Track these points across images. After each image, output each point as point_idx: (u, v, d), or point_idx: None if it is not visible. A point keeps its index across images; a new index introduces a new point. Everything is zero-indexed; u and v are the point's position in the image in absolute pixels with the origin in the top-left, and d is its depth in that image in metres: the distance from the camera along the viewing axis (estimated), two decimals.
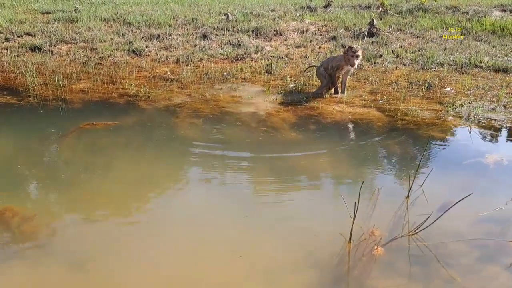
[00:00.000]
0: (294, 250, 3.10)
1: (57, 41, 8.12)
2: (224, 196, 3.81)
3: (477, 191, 3.50)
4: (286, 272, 2.92)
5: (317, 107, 5.53)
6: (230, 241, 3.23)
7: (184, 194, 3.92)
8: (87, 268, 2.98)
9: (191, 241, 3.25)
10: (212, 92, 6.05)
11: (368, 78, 6.49)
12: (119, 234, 3.35)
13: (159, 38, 8.40)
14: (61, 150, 4.62)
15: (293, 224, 3.37)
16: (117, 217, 3.57)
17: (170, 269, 2.98)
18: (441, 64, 6.95)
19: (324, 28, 8.99)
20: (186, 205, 3.73)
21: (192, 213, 3.58)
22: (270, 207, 3.61)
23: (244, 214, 3.52)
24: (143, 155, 4.49)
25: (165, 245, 3.19)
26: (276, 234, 3.29)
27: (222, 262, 3.03)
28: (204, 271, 2.96)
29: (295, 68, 7.01)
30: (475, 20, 9.17)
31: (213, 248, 3.16)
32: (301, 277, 2.87)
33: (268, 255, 3.08)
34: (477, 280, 2.85)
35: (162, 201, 3.82)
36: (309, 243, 3.15)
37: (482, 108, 5.37)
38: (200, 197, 3.81)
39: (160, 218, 3.53)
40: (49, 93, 6.02)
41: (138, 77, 6.67)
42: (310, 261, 2.99)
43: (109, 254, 3.11)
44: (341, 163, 4.34)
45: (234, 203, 3.69)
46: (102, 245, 3.22)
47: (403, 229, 3.26)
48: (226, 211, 3.59)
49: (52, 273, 2.97)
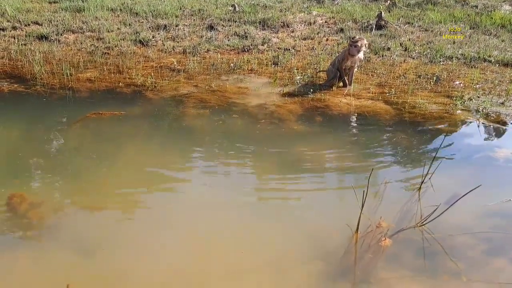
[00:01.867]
0: (301, 241, 3.10)
1: (64, 30, 8.11)
2: (231, 187, 3.81)
3: (485, 185, 3.48)
4: (293, 263, 2.92)
5: (324, 99, 5.50)
6: (237, 231, 3.23)
7: (191, 184, 3.92)
8: (94, 255, 3.00)
9: (198, 231, 3.26)
10: (218, 83, 6.03)
11: (375, 71, 6.45)
12: (126, 222, 3.37)
13: (166, 29, 8.36)
14: (68, 138, 4.63)
15: (301, 215, 3.37)
16: (124, 205, 3.58)
17: (177, 258, 2.99)
18: (450, 57, 6.89)
19: (331, 20, 8.92)
20: (192, 195, 3.73)
21: (199, 203, 3.58)
22: (277, 198, 3.61)
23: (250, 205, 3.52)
24: (150, 144, 4.50)
25: (172, 234, 3.20)
26: (284, 225, 3.29)
27: (230, 252, 3.04)
28: (212, 261, 2.97)
29: (302, 60, 6.97)
30: (484, 14, 9.07)
31: (220, 238, 3.17)
32: (308, 267, 2.88)
33: (275, 246, 3.08)
34: (484, 273, 2.84)
35: (169, 191, 3.82)
36: (317, 234, 3.15)
37: (491, 102, 5.33)
38: (206, 188, 3.81)
39: (166, 208, 3.54)
40: (56, 81, 6.02)
41: (144, 67, 6.65)
42: (317, 252, 2.99)
43: (116, 242, 3.13)
44: (348, 155, 4.32)
45: (241, 194, 3.69)
46: (109, 233, 3.23)
47: (410, 221, 3.25)
48: (233, 202, 3.59)
49: (59, 260, 2.99)
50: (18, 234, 3.24)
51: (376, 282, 2.77)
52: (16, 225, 3.30)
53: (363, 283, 2.78)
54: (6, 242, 3.17)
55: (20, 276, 2.88)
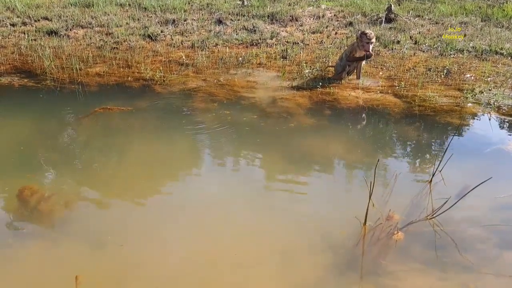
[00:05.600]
0: (310, 233, 3.09)
1: (74, 26, 8.15)
2: (239, 179, 3.82)
3: (496, 177, 3.44)
4: (301, 254, 2.92)
5: (333, 93, 5.47)
6: (246, 223, 3.24)
7: (199, 176, 3.94)
8: (104, 247, 3.02)
9: (207, 223, 3.27)
10: (227, 77, 6.03)
11: (385, 64, 6.39)
12: (136, 214, 3.39)
13: (174, 23, 8.37)
14: (77, 132, 4.67)
15: (309, 208, 3.36)
16: (134, 198, 3.60)
17: (187, 249, 3.00)
18: (461, 50, 6.80)
19: (340, 14, 8.85)
20: (201, 187, 3.74)
21: (207, 196, 3.59)
22: (286, 190, 3.60)
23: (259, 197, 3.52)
24: (159, 138, 4.51)
25: (182, 226, 3.22)
26: (292, 217, 3.28)
27: (239, 243, 3.05)
28: (221, 252, 2.98)
29: (311, 53, 6.93)
30: (496, 6, 8.94)
31: (229, 230, 3.17)
32: (316, 259, 2.87)
33: (284, 238, 3.08)
34: (493, 266, 2.81)
35: (178, 183, 3.84)
36: (325, 226, 3.14)
37: (502, 95, 5.25)
38: (215, 180, 3.82)
39: (176, 200, 3.56)
40: (66, 76, 6.06)
41: (153, 61, 6.67)
42: (325, 244, 2.99)
43: (127, 234, 3.15)
44: (358, 148, 4.30)
45: (250, 186, 3.69)
46: (119, 225, 3.26)
47: (421, 213, 3.22)
48: (242, 194, 3.60)
49: (69, 251, 3.02)
50: (28, 226, 3.28)
51: (384, 274, 2.76)
52: (27, 217, 3.34)
53: (371, 275, 2.77)
54: (17, 234, 3.21)
55: (30, 267, 2.91)
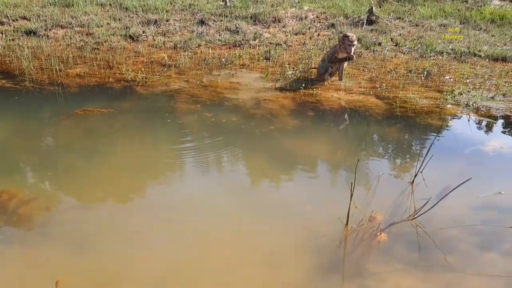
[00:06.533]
0: (293, 235, 3.10)
1: (53, 26, 8.00)
2: (223, 181, 3.80)
3: (476, 178, 3.52)
4: (285, 257, 2.92)
5: (316, 94, 5.50)
6: (229, 226, 3.22)
7: (182, 179, 3.90)
8: (86, 251, 2.97)
9: (190, 226, 3.24)
10: (210, 78, 6.00)
11: (367, 66, 6.46)
12: (118, 217, 3.34)
13: (156, 24, 8.29)
14: (57, 134, 4.58)
15: (293, 209, 3.37)
16: (115, 201, 3.55)
17: (171, 252, 2.97)
18: (440, 52, 6.92)
19: (323, 16, 8.91)
20: (184, 190, 3.71)
21: (191, 198, 3.56)
22: (269, 192, 3.61)
23: (243, 199, 3.51)
24: (141, 140, 4.46)
25: (165, 229, 3.18)
26: (276, 219, 3.28)
27: (223, 245, 3.03)
28: (205, 255, 2.96)
29: (294, 55, 6.95)
30: (474, 9, 9.12)
31: (213, 232, 3.15)
32: (301, 261, 2.88)
33: (268, 240, 3.08)
34: (475, 266, 2.86)
35: (161, 185, 3.80)
36: (309, 228, 3.15)
37: (481, 96, 5.36)
38: (198, 182, 3.79)
39: (158, 202, 3.52)
40: (45, 77, 5.95)
41: (135, 62, 6.60)
42: (309, 245, 2.99)
43: (108, 238, 3.10)
44: (340, 149, 4.33)
45: (233, 188, 3.68)
46: (101, 229, 3.20)
47: (403, 214, 3.26)
48: (225, 196, 3.58)
49: (50, 256, 2.95)
50: (7, 231, 3.20)
51: (368, 275, 2.78)
52: (5, 222, 3.26)
53: (355, 276, 2.78)
54: None
55: (9, 273, 2.84)
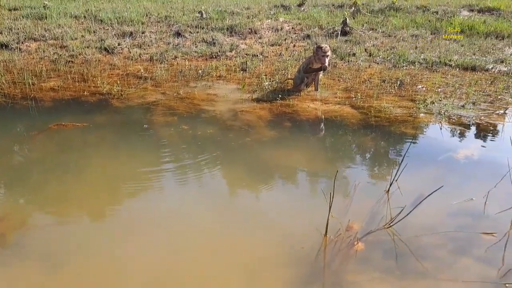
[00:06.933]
0: (272, 247, 3.10)
1: (26, 38, 7.88)
2: (200, 194, 3.78)
3: (449, 185, 3.61)
4: (264, 268, 2.92)
5: (292, 105, 5.55)
6: (208, 238, 3.20)
7: (159, 193, 3.86)
8: (62, 269, 2.90)
9: (169, 238, 3.21)
10: (187, 90, 5.99)
11: (342, 76, 6.57)
12: (94, 234, 3.28)
13: (132, 36, 8.26)
14: (30, 150, 4.48)
15: (271, 221, 3.38)
16: (91, 217, 3.49)
17: (148, 267, 2.93)
18: (412, 62, 7.10)
19: (298, 27, 9.05)
20: (161, 204, 3.68)
21: (168, 211, 3.53)
22: (247, 204, 3.61)
23: (221, 212, 3.50)
24: (116, 154, 4.41)
25: (142, 244, 3.14)
26: (254, 231, 3.28)
27: (201, 258, 3.01)
28: (184, 267, 2.93)
29: (270, 66, 7.02)
30: (444, 19, 9.42)
31: (191, 245, 3.13)
32: (280, 272, 2.88)
33: (246, 252, 3.07)
34: (450, 271, 2.91)
35: (137, 200, 3.75)
36: (287, 239, 3.16)
37: (452, 105, 5.51)
38: (175, 196, 3.77)
39: (135, 217, 3.47)
40: (18, 91, 5.83)
41: (110, 75, 6.54)
42: (288, 257, 3.00)
43: (85, 255, 3.04)
44: (317, 159, 4.38)
45: (211, 201, 3.66)
46: (77, 246, 3.14)
47: (379, 223, 3.31)
48: (203, 208, 3.56)
49: (25, 275, 2.88)
50: None
51: (347, 285, 2.80)
52: None
53: (335, 286, 2.80)
54: None
55: None
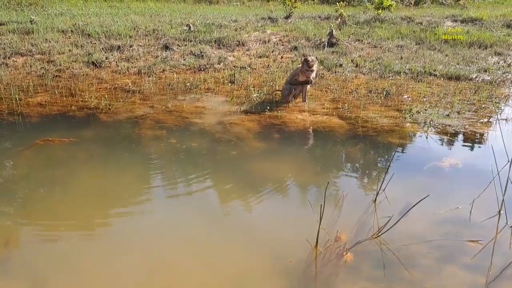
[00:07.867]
0: (262, 258, 3.10)
1: (12, 53, 7.85)
2: (190, 207, 3.78)
3: (434, 193, 3.66)
4: (255, 280, 2.92)
5: (281, 116, 5.60)
6: (197, 251, 3.20)
7: (148, 207, 3.85)
8: (48, 286, 2.87)
9: (157, 253, 3.19)
10: (175, 103, 6.01)
11: (329, 87, 6.64)
12: (81, 250, 3.25)
13: (120, 49, 8.27)
14: (17, 166, 4.45)
15: (261, 233, 3.38)
16: (78, 233, 3.46)
17: (137, 282, 2.91)
18: (398, 72, 7.21)
19: (285, 39, 9.14)
20: (149, 217, 3.66)
21: (157, 225, 3.52)
22: (236, 216, 3.61)
23: (210, 224, 3.50)
24: (105, 169, 4.39)
25: (130, 259, 3.12)
26: (244, 242, 3.29)
27: (191, 271, 3.00)
28: (172, 280, 2.92)
29: (258, 77, 7.08)
30: (428, 30, 9.59)
31: (180, 259, 3.12)
32: (270, 284, 2.88)
33: (236, 264, 3.07)
34: (437, 279, 2.94)
35: (126, 214, 3.73)
36: (278, 250, 3.16)
37: (437, 114, 5.60)
38: (164, 210, 3.76)
39: (124, 232, 3.45)
40: (4, 107, 5.80)
41: (98, 89, 6.53)
42: (278, 268, 3.01)
43: (72, 271, 3.01)
44: (306, 170, 4.41)
45: (200, 213, 3.66)
46: (64, 262, 3.11)
47: (367, 232, 3.33)
48: (192, 221, 3.56)
49: None
50: None
51: None
52: None
53: None
54: None
55: None
